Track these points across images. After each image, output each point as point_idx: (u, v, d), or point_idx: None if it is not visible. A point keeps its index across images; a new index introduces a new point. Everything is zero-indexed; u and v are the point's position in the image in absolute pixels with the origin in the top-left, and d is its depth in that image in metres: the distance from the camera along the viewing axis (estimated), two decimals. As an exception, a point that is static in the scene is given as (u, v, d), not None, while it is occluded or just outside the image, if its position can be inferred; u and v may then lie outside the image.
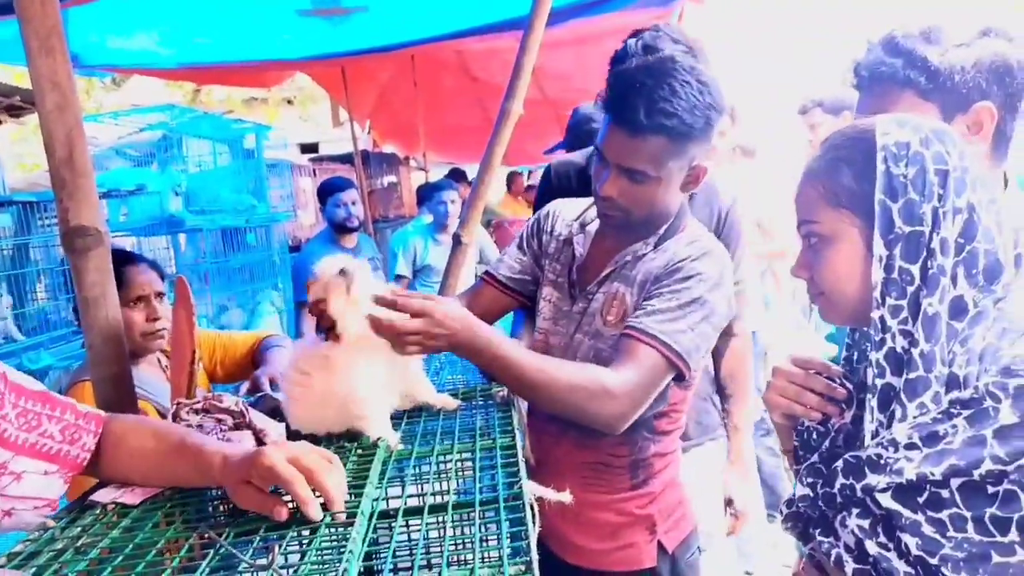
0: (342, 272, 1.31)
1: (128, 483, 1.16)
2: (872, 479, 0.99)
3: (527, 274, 1.74)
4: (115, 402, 1.45)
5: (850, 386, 1.14)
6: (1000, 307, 0.99)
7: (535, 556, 0.86)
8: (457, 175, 7.21)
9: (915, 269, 0.99)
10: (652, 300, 1.48)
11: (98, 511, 1.10)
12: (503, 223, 6.19)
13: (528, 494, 1.02)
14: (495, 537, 0.95)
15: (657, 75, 1.45)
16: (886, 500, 0.99)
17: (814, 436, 1.18)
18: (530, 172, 9.23)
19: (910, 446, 0.97)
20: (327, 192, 4.35)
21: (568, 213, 1.73)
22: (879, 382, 1.02)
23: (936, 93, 1.29)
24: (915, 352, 0.98)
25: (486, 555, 0.92)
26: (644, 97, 1.43)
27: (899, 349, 1.00)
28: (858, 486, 1.01)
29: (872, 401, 1.02)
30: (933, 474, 0.94)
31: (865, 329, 1.08)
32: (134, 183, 3.64)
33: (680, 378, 1.51)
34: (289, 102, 14.95)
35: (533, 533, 0.92)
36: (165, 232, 4.05)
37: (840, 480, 1.04)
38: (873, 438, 1.02)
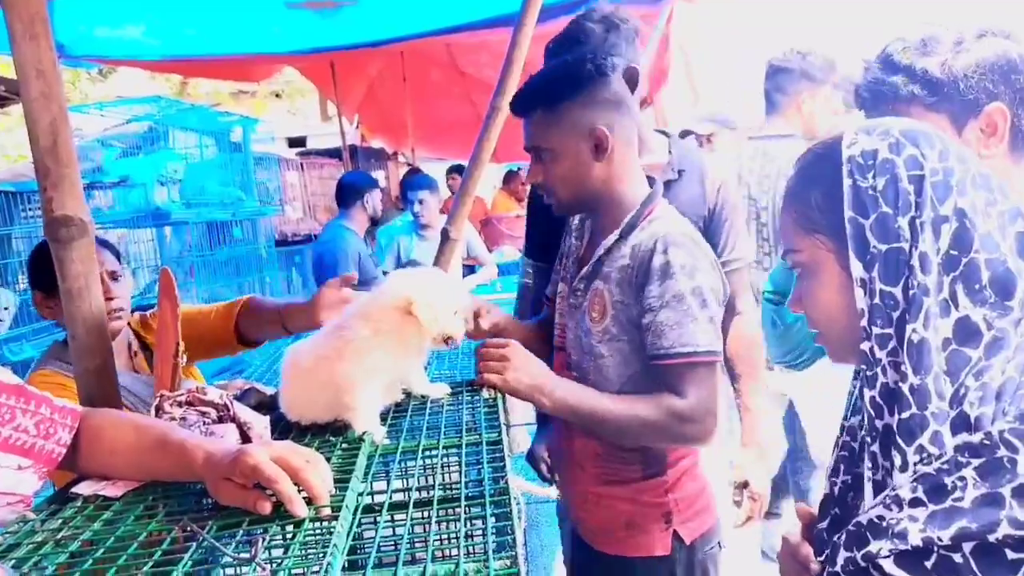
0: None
1: (107, 478, 1.14)
2: (874, 546, 0.86)
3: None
4: (98, 395, 1.43)
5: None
6: None
7: (521, 551, 0.85)
8: (456, 171, 7.18)
9: (897, 291, 0.87)
10: (648, 316, 1.52)
11: (79, 503, 1.09)
12: (491, 219, 6.17)
13: (514, 489, 1.02)
14: (480, 532, 0.95)
15: (541, 69, 1.65)
16: (889, 567, 0.85)
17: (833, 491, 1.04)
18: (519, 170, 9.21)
19: (914, 502, 0.84)
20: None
21: None
22: (878, 423, 0.90)
23: (943, 103, 1.27)
24: (904, 387, 0.86)
25: (471, 550, 0.92)
26: (527, 84, 1.63)
27: (891, 384, 0.88)
28: (858, 556, 0.88)
29: (873, 446, 0.91)
30: (941, 539, 0.81)
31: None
32: (118, 174, 3.60)
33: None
34: (277, 96, 14.86)
35: (519, 527, 0.92)
36: (151, 225, 4.02)
37: (843, 555, 0.91)
38: (877, 492, 0.91)
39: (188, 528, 0.95)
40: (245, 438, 1.24)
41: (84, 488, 1.12)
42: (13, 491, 1.09)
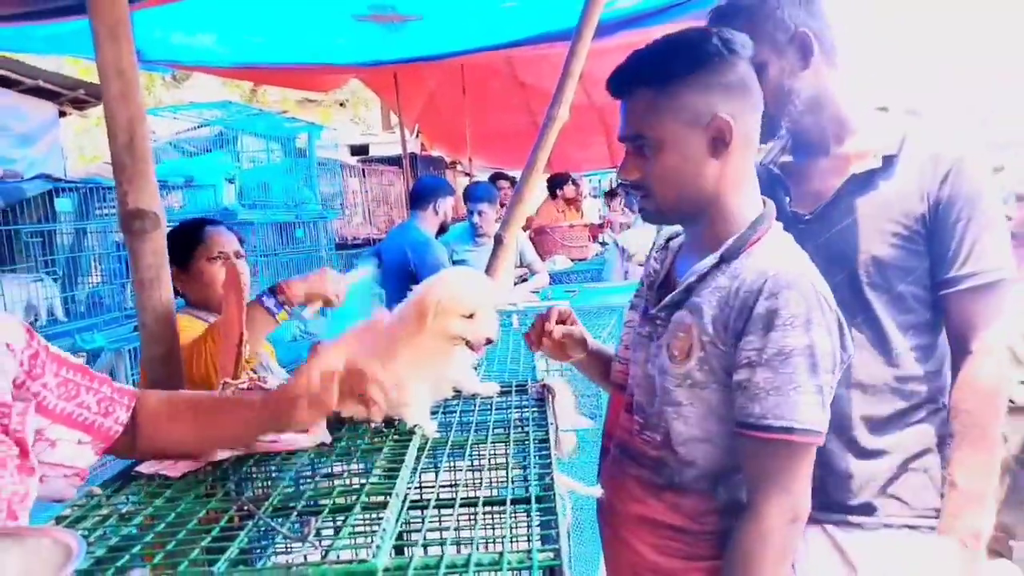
0: None
1: (168, 456, 1.19)
2: None
3: None
4: (163, 380, 1.50)
5: None
6: None
7: (565, 545, 0.87)
8: (498, 179, 7.22)
9: None
10: (742, 372, 1.23)
11: (142, 482, 1.14)
12: (545, 228, 6.20)
13: (560, 486, 1.03)
14: (525, 526, 0.96)
15: (652, 42, 1.31)
16: None
17: None
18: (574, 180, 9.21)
19: None
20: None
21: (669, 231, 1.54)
22: None
23: None
24: None
25: (516, 544, 0.93)
26: (630, 60, 1.31)
27: None
28: None
29: None
30: None
31: None
32: (182, 175, 3.74)
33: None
34: (342, 104, 15.20)
35: (563, 523, 0.93)
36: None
37: None
38: None
39: (245, 507, 0.99)
40: (301, 427, 1.28)
41: (145, 468, 1.17)
42: (72, 464, 1.13)
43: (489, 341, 1.38)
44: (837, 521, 1.46)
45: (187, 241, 2.10)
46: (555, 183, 7.27)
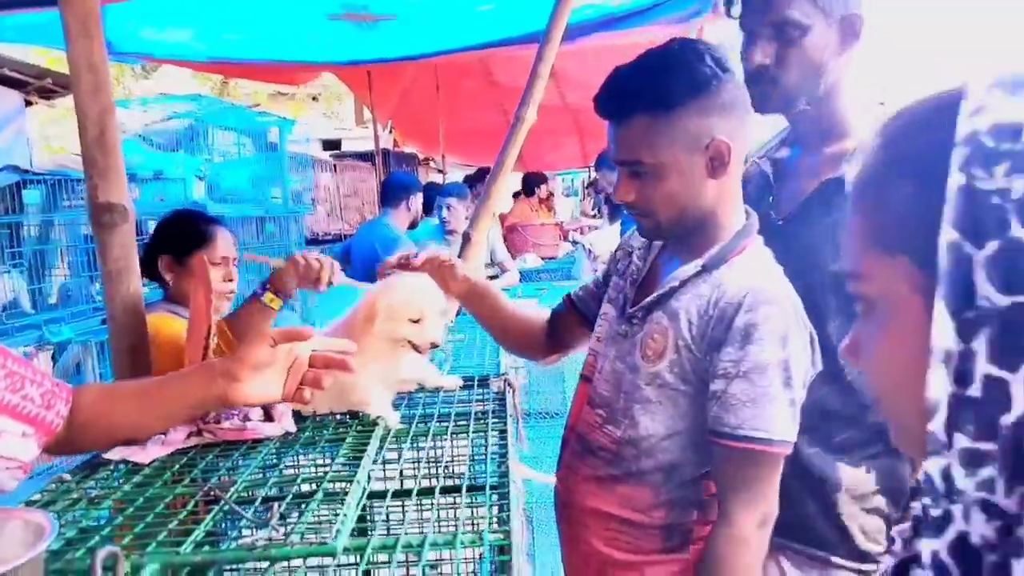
0: None
1: (105, 444, 1.20)
2: None
3: (597, 299, 1.59)
4: (131, 372, 1.52)
5: None
6: None
7: (516, 526, 0.91)
8: (485, 175, 7.21)
9: (1016, 386, 0.50)
10: (718, 382, 1.27)
11: (110, 468, 1.17)
12: (516, 227, 6.25)
13: (515, 474, 1.08)
14: (484, 513, 1.01)
15: (639, 58, 1.32)
16: None
17: None
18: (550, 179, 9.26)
19: None
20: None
21: None
22: None
23: None
24: (1016, 567, 0.50)
25: (475, 525, 0.98)
26: (619, 80, 1.31)
27: (977, 540, 0.52)
28: None
29: None
30: None
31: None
32: (151, 169, 3.74)
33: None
34: (314, 99, 15.13)
35: (516, 508, 0.98)
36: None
37: None
38: None
39: (211, 493, 1.03)
40: (268, 416, 1.31)
41: (114, 454, 1.20)
42: (16, 456, 1.14)
43: (434, 345, 1.42)
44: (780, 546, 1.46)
45: (191, 236, 2.06)
46: (530, 182, 7.32)
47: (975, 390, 0.51)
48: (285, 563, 1.08)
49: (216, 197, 4.20)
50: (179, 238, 2.07)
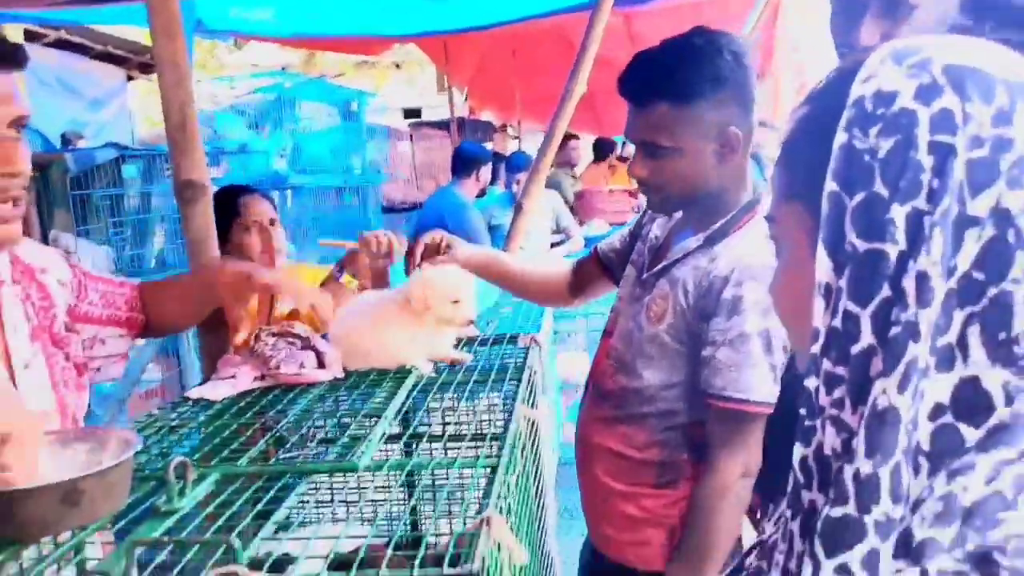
0: None
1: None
2: None
3: (621, 257, 1.77)
4: (212, 322, 1.77)
5: None
6: None
7: (507, 455, 1.10)
8: (569, 139, 7.18)
9: (865, 319, 0.57)
10: (708, 348, 1.45)
11: (190, 404, 1.41)
12: (585, 192, 6.37)
13: (518, 414, 1.27)
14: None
15: (662, 45, 1.46)
16: None
17: None
18: (624, 143, 9.30)
19: None
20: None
21: None
22: (805, 496, 0.61)
23: None
24: (847, 470, 0.56)
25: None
26: (643, 67, 1.45)
27: (829, 453, 0.59)
28: None
29: (793, 523, 0.62)
30: None
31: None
32: (236, 144, 4.02)
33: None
34: (397, 66, 15.40)
35: (510, 439, 1.16)
36: (270, 188, 4.46)
37: None
38: None
39: (267, 423, 1.25)
40: (321, 364, 1.53)
41: (192, 393, 1.44)
42: (118, 351, 1.52)
43: (471, 321, 1.60)
44: None
45: (223, 212, 2.13)
46: (600, 148, 7.40)
47: (838, 321, 0.59)
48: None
49: (297, 168, 4.47)
50: (217, 217, 2.23)
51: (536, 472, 1.47)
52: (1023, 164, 0.55)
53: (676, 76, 1.41)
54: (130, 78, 8.35)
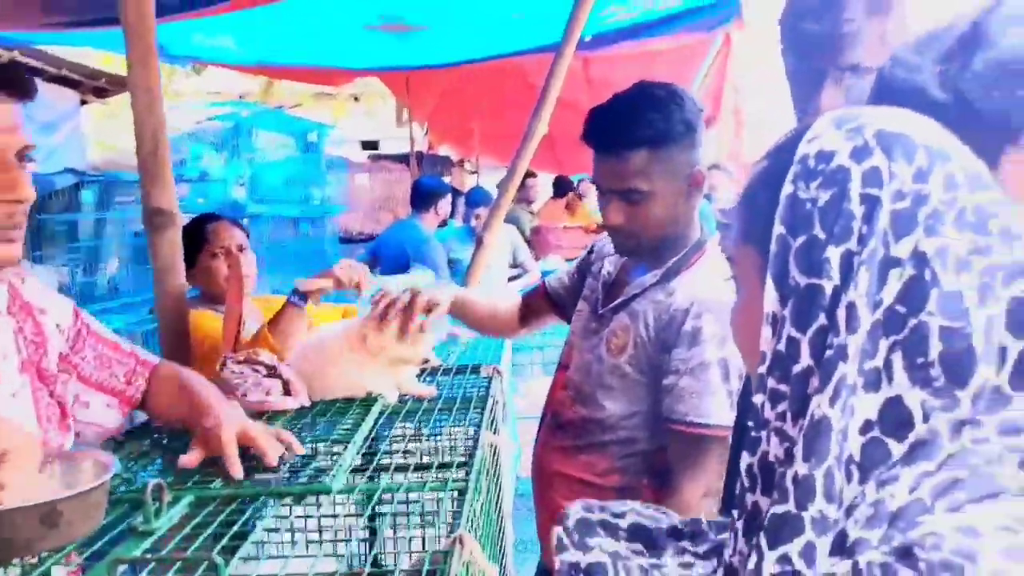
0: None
1: (165, 420, 1.45)
2: None
3: (570, 292, 1.85)
4: (175, 352, 1.78)
5: None
6: (972, 438, 0.63)
7: (474, 479, 1.14)
8: (527, 176, 7.22)
9: (804, 344, 0.66)
10: (670, 377, 1.51)
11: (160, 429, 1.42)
12: (541, 229, 6.47)
13: (483, 441, 1.31)
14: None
15: (623, 97, 1.55)
16: None
17: None
18: (580, 181, 9.47)
19: None
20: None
21: None
22: (748, 498, 0.69)
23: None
24: (787, 473, 0.64)
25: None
26: (613, 116, 1.52)
27: (772, 459, 0.68)
28: None
29: (738, 522, 0.70)
30: None
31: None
32: (197, 172, 4.02)
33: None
34: (356, 99, 15.44)
35: (477, 464, 1.20)
36: (228, 216, 4.44)
37: None
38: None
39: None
40: (287, 391, 1.56)
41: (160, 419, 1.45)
42: (101, 423, 1.41)
43: (425, 360, 1.64)
44: None
45: (192, 240, 2.16)
46: (560, 185, 7.53)
47: (782, 346, 0.68)
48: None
49: (255, 197, 4.47)
50: (185, 245, 2.14)
51: (498, 498, 1.51)
52: (937, 215, 0.64)
53: (655, 124, 1.49)
54: (84, 102, 8.23)
